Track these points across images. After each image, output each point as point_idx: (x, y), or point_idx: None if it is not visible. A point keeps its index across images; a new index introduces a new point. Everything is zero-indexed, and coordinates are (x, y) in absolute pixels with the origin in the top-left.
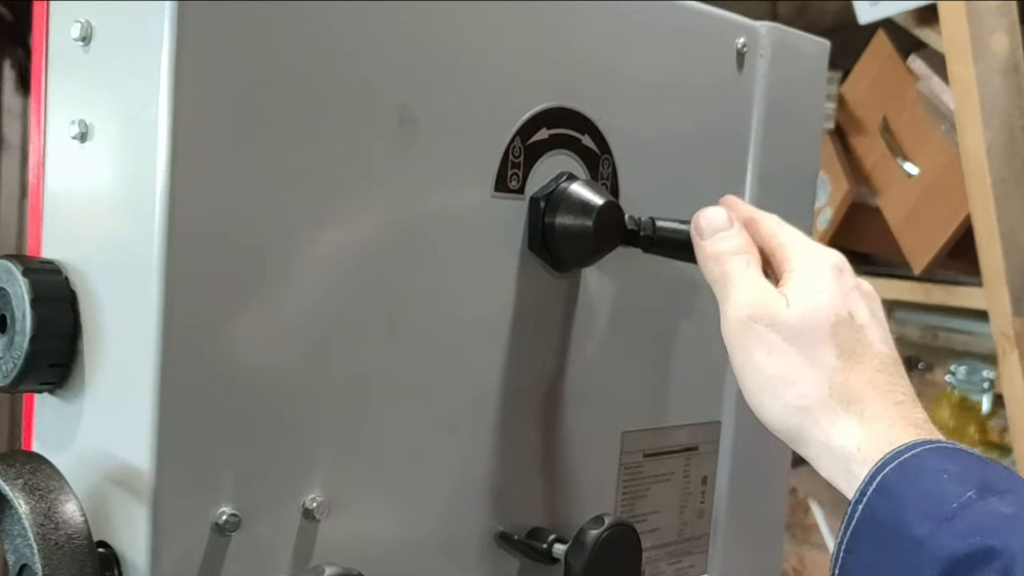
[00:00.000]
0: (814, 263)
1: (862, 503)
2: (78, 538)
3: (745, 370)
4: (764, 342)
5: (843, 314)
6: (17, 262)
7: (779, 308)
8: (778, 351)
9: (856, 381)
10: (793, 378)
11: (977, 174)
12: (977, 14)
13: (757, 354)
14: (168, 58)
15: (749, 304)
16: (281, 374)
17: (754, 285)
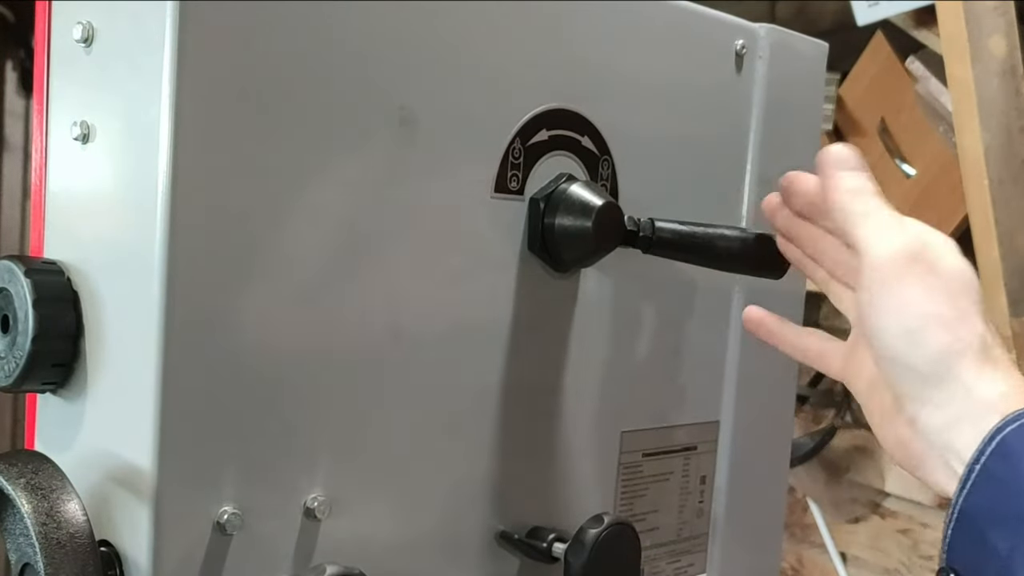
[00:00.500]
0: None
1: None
2: (80, 537)
3: (895, 305)
4: (924, 283)
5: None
6: (19, 263)
7: (942, 255)
8: (937, 295)
9: (997, 348)
10: (950, 323)
11: (975, 175)
12: (975, 15)
13: (913, 292)
14: (169, 59)
15: (910, 243)
16: (282, 374)
17: (912, 227)
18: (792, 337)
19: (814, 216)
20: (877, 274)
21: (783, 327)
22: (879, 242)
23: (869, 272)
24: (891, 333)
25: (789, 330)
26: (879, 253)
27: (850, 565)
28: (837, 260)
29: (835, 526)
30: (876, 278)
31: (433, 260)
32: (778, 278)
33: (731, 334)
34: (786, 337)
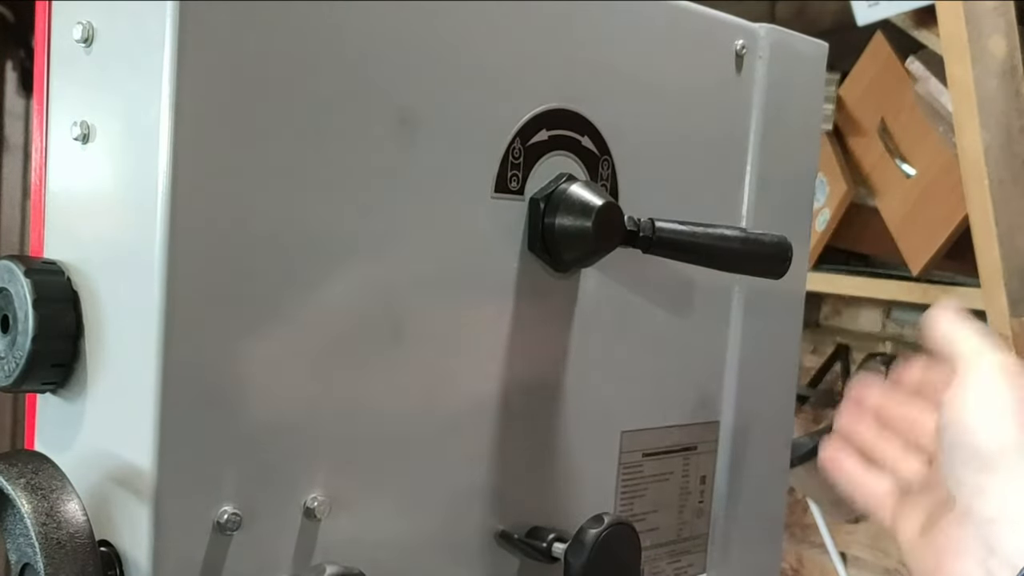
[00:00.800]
0: None
1: None
2: (80, 537)
3: (985, 393)
4: (1016, 392)
5: None
6: (19, 262)
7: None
8: (1021, 405)
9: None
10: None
11: (975, 175)
12: (975, 16)
13: (1005, 390)
14: (169, 59)
15: (1008, 360)
16: (282, 374)
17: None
18: (857, 476)
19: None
20: (975, 369)
21: (853, 467)
22: (982, 351)
23: (965, 369)
24: (972, 411)
25: (857, 470)
26: (981, 357)
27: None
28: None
29: (835, 526)
30: (973, 372)
31: (433, 260)
32: (778, 278)
33: (731, 334)
34: (852, 475)
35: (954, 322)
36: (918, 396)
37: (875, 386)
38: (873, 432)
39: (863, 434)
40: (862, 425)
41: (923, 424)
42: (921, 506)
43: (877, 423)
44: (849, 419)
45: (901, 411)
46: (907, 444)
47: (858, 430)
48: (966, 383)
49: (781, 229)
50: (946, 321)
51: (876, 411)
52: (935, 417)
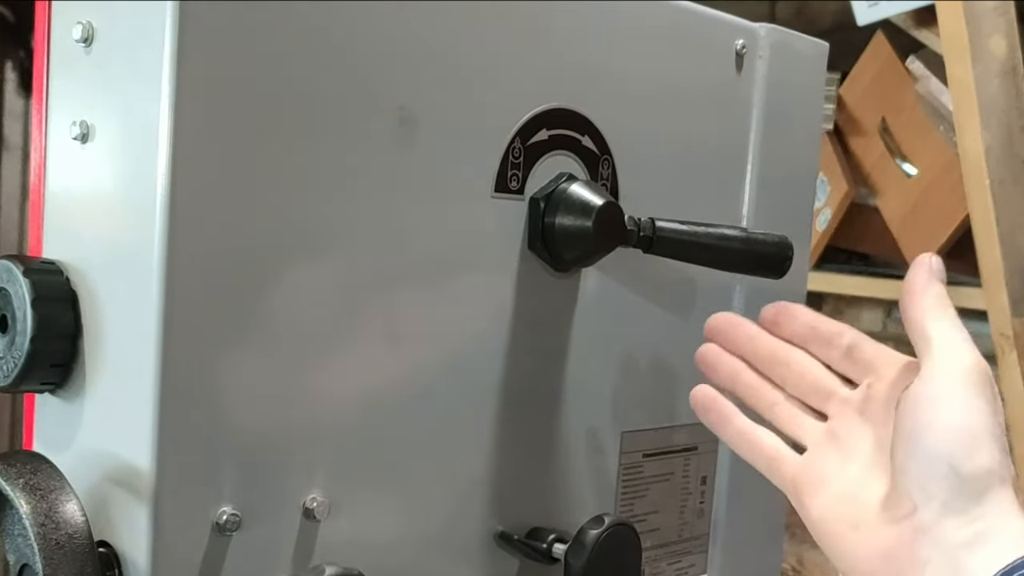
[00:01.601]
0: None
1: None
2: (79, 538)
3: (963, 408)
4: (992, 404)
5: None
6: (18, 262)
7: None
8: (997, 419)
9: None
10: (1004, 448)
11: (976, 175)
12: (975, 15)
13: (984, 404)
14: (169, 59)
15: (984, 365)
16: (281, 374)
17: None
18: (746, 430)
19: (808, 343)
20: (952, 374)
21: (736, 417)
22: (960, 350)
23: (942, 370)
24: (950, 429)
25: (742, 422)
26: (960, 359)
27: None
28: (814, 385)
29: None
30: (949, 377)
31: (433, 260)
32: (778, 278)
33: None
34: (739, 429)
35: (936, 300)
36: (797, 342)
37: (741, 322)
38: (748, 375)
39: (736, 374)
40: (733, 360)
41: (810, 371)
42: (838, 487)
43: (748, 361)
44: (715, 352)
45: (780, 352)
46: (795, 394)
47: (730, 367)
48: (938, 385)
49: (782, 229)
50: (928, 298)
51: (748, 347)
52: (817, 364)
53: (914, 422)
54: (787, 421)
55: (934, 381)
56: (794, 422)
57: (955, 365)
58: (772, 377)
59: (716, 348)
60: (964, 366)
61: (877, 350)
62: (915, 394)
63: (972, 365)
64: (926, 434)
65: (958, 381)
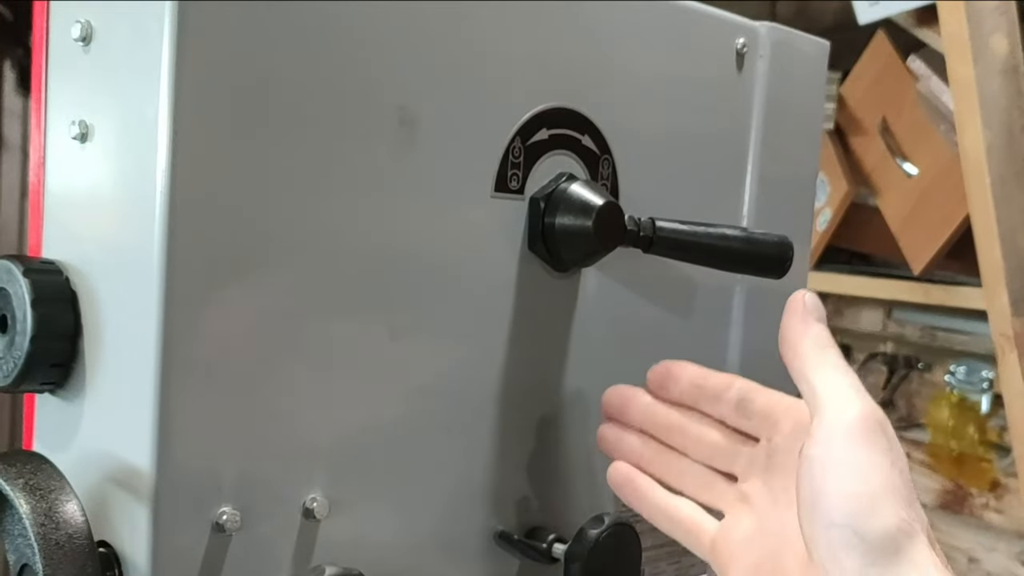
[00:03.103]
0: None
1: None
2: (79, 538)
3: (860, 466)
4: (888, 455)
5: None
6: (18, 262)
7: (894, 434)
8: (896, 470)
9: (934, 540)
10: (909, 501)
11: (976, 174)
12: (976, 14)
13: (880, 459)
14: (168, 58)
15: (875, 412)
16: (281, 374)
17: (868, 396)
18: (663, 503)
19: (697, 402)
20: (841, 431)
21: (652, 491)
22: (846, 400)
23: (830, 427)
24: (848, 495)
25: (659, 496)
26: (847, 411)
27: None
28: (714, 448)
29: None
30: (839, 434)
31: (433, 260)
32: (779, 278)
33: (732, 334)
34: (655, 503)
35: (815, 345)
36: (687, 403)
37: (634, 394)
38: (652, 449)
39: (639, 450)
40: (634, 438)
41: (707, 435)
42: (756, 554)
43: (649, 434)
44: (615, 432)
45: (673, 419)
46: (700, 459)
47: (632, 446)
48: (828, 445)
49: (782, 228)
50: (807, 342)
51: (644, 419)
52: (713, 426)
53: (811, 489)
54: (699, 491)
55: (823, 441)
56: (706, 490)
57: (843, 419)
58: (674, 445)
59: (615, 428)
60: (852, 418)
61: (768, 399)
62: (808, 457)
63: (860, 415)
64: (825, 501)
65: (847, 438)
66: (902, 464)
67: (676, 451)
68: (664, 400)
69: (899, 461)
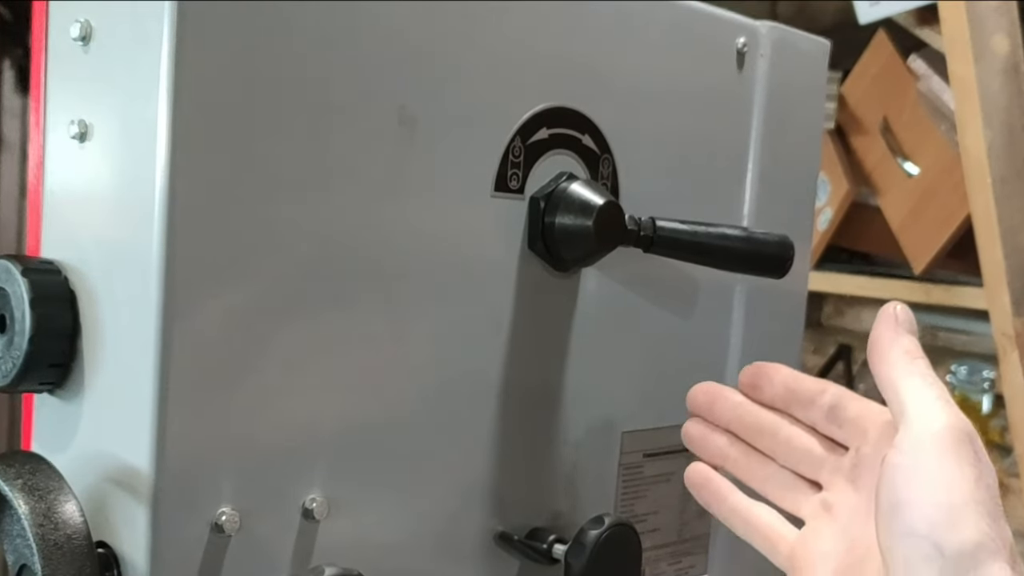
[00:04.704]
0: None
1: None
2: (77, 538)
3: (945, 478)
4: (975, 467)
5: None
6: (16, 262)
7: (983, 447)
8: (983, 484)
9: (1019, 560)
10: (994, 516)
11: (977, 174)
12: (977, 14)
13: (967, 471)
14: (168, 58)
15: (964, 424)
16: (280, 374)
17: (957, 408)
18: (742, 508)
19: (789, 406)
20: (927, 440)
21: (731, 495)
22: (935, 411)
23: (917, 437)
24: (931, 504)
25: (737, 500)
26: (935, 422)
27: None
28: (803, 454)
29: None
30: (924, 444)
31: (433, 259)
32: (779, 277)
33: (732, 334)
34: (733, 507)
35: (905, 354)
36: (779, 406)
37: (723, 392)
38: (738, 450)
39: (725, 451)
40: (721, 437)
41: (797, 439)
42: (833, 565)
43: (735, 435)
44: (701, 429)
45: (764, 421)
46: (787, 464)
47: (718, 445)
48: (913, 455)
49: (783, 228)
50: (896, 351)
51: (732, 418)
52: (803, 432)
53: (893, 497)
54: (782, 496)
55: (909, 450)
56: (788, 496)
57: (929, 429)
58: (761, 448)
59: (701, 426)
60: (939, 429)
61: (860, 407)
62: (892, 465)
63: (948, 426)
64: (905, 511)
65: (934, 448)
66: (990, 479)
67: (762, 454)
68: (755, 401)
69: (987, 476)
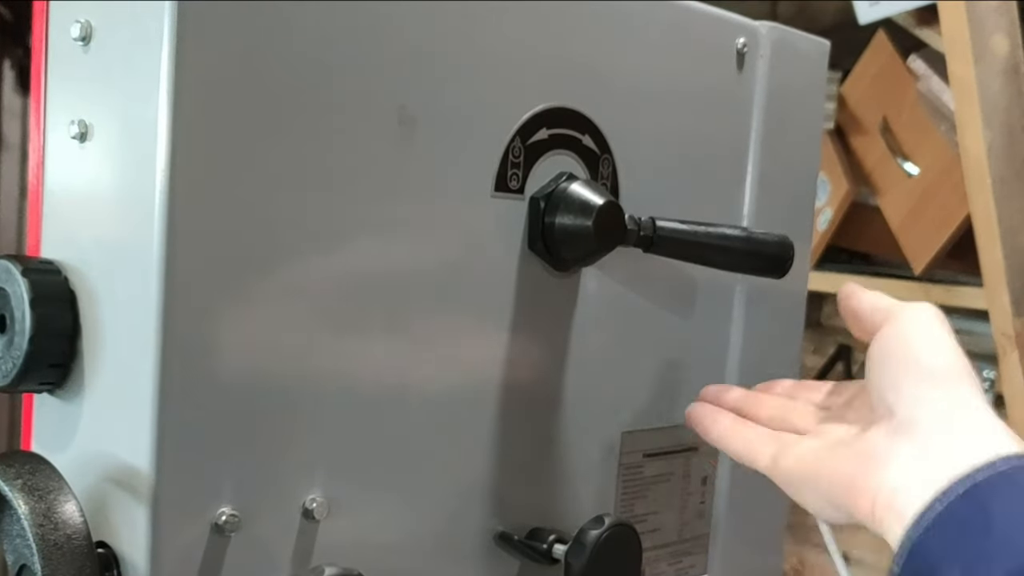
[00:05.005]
0: None
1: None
2: (77, 538)
3: (926, 333)
4: (952, 337)
5: None
6: (16, 262)
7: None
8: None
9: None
10: (972, 370)
11: (977, 174)
12: (977, 14)
13: (946, 334)
14: (168, 58)
15: (940, 313)
16: (281, 374)
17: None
18: (733, 425)
19: (795, 392)
20: (913, 317)
21: (727, 416)
22: (914, 304)
23: (905, 316)
24: (916, 340)
25: (732, 419)
26: (915, 307)
27: (852, 567)
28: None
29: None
30: (911, 318)
31: (433, 259)
32: (779, 277)
33: (732, 334)
34: (727, 424)
35: (877, 294)
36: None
37: (731, 388)
38: (741, 421)
39: (727, 423)
40: (725, 417)
41: (793, 407)
42: (811, 444)
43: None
44: (708, 409)
45: (769, 401)
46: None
47: (722, 419)
48: (901, 319)
49: (782, 228)
50: (867, 294)
51: (738, 403)
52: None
53: (883, 350)
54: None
55: (898, 322)
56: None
57: (914, 311)
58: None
59: (708, 407)
60: (922, 310)
61: (859, 384)
62: (882, 335)
63: (930, 310)
64: (895, 349)
65: (920, 318)
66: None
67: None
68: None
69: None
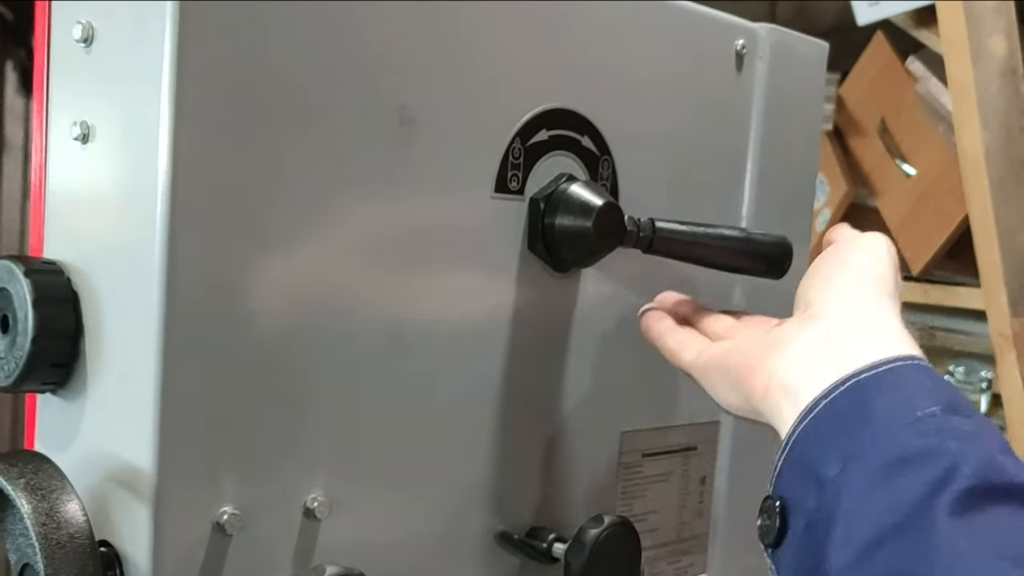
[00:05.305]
0: None
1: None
2: (80, 537)
3: (885, 247)
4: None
5: None
6: (19, 263)
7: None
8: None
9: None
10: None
11: (975, 175)
12: (975, 16)
13: (894, 259)
14: (169, 59)
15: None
16: (282, 374)
17: None
18: (668, 327)
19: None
20: (862, 235)
21: (667, 320)
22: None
23: (855, 233)
24: (865, 248)
25: (680, 331)
26: (861, 234)
27: None
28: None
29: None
30: (860, 235)
31: (433, 260)
32: (778, 278)
33: None
34: (666, 325)
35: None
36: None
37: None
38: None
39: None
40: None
41: (737, 326)
42: (733, 342)
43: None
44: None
45: (720, 317)
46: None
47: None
48: (851, 238)
49: (781, 229)
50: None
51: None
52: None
53: (823, 258)
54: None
55: (846, 240)
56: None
57: (865, 235)
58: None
59: (657, 310)
60: (872, 235)
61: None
62: (828, 250)
63: (880, 236)
64: (834, 258)
65: (868, 238)
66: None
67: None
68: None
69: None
